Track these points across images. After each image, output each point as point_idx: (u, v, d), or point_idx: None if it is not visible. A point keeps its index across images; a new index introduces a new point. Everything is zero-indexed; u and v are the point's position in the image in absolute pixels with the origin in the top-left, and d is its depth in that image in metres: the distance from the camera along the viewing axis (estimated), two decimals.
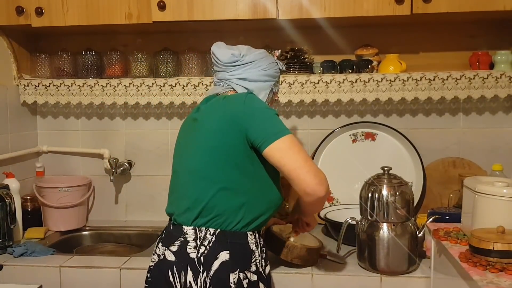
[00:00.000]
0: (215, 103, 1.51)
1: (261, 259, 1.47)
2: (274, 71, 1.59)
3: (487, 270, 1.20)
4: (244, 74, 1.53)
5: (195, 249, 1.41)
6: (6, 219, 1.90)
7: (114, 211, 2.41)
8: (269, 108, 1.46)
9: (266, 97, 1.56)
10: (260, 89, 1.55)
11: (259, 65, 1.54)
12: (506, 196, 1.34)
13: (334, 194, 2.20)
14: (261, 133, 1.38)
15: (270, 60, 1.58)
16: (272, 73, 1.58)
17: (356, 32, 2.18)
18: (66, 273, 1.77)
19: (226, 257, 1.39)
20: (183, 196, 1.47)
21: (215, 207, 1.41)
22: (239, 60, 1.52)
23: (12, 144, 2.22)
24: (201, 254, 1.40)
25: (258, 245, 1.47)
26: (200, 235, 1.42)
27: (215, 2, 1.95)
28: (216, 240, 1.41)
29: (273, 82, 1.59)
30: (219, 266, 1.39)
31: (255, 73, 1.53)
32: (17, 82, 2.25)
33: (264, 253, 1.50)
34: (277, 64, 1.62)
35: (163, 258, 1.44)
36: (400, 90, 2.07)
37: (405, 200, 1.64)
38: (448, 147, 2.19)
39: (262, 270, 1.46)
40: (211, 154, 1.42)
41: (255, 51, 1.57)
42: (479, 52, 2.10)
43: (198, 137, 1.48)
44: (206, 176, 1.43)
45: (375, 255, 1.64)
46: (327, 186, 1.40)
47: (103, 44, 2.31)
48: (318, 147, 2.17)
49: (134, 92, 2.19)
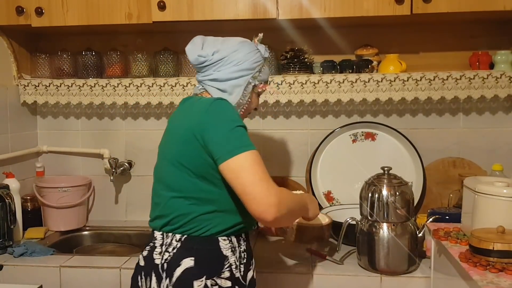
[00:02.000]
0: (187, 107, 1.43)
1: (239, 264, 1.39)
2: (252, 62, 1.46)
3: (487, 270, 1.20)
4: (215, 75, 1.43)
5: (160, 255, 1.37)
6: (6, 219, 1.90)
7: (114, 211, 2.41)
8: (232, 120, 1.31)
9: (239, 95, 1.45)
10: (234, 87, 1.44)
11: (231, 60, 1.43)
12: (506, 196, 1.34)
13: (334, 194, 2.20)
14: (217, 148, 1.27)
15: (246, 51, 1.45)
16: (249, 66, 1.45)
17: (356, 32, 2.18)
18: (66, 273, 1.77)
19: (190, 263, 1.33)
20: (155, 203, 1.45)
21: (182, 216, 1.35)
22: (207, 60, 1.43)
23: (12, 144, 2.22)
24: (164, 260, 1.35)
25: (235, 250, 1.39)
26: (167, 241, 1.37)
27: (215, 2, 1.95)
28: (181, 247, 1.35)
29: (250, 74, 1.46)
30: (182, 273, 1.32)
31: (226, 71, 1.43)
32: (17, 82, 2.25)
33: (246, 258, 1.43)
34: (258, 51, 1.48)
35: (137, 263, 1.43)
36: (400, 90, 2.07)
37: (405, 200, 1.64)
38: (448, 147, 2.19)
39: (240, 276, 1.39)
40: (175, 163, 1.35)
41: (229, 43, 1.45)
42: (479, 52, 2.10)
43: (166, 144, 1.43)
44: (172, 186, 1.37)
45: (375, 255, 1.64)
46: (275, 212, 1.22)
47: (103, 44, 2.31)
48: (318, 147, 2.17)
49: (134, 92, 2.19)
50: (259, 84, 1.50)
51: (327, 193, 2.20)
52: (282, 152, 2.29)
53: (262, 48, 1.50)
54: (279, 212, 1.23)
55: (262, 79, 1.51)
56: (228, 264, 1.37)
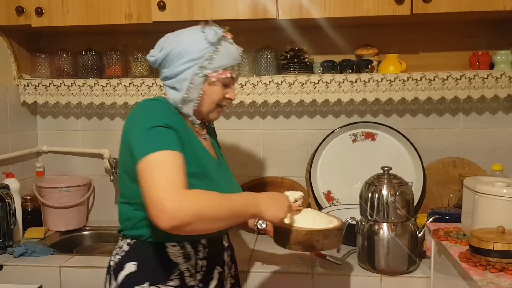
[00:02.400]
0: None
1: (195, 272, 1.34)
2: (198, 51, 1.33)
3: (487, 270, 1.20)
4: (165, 73, 1.36)
5: (113, 257, 1.37)
6: (6, 219, 1.90)
7: (114, 211, 2.36)
8: (149, 121, 1.23)
9: (185, 88, 1.34)
10: (181, 81, 1.34)
11: (176, 54, 1.33)
12: (506, 196, 1.34)
13: (334, 194, 2.20)
14: (134, 151, 1.21)
15: (190, 40, 1.34)
16: (194, 56, 1.33)
17: (356, 32, 2.18)
18: (66, 273, 1.77)
19: (133, 268, 1.31)
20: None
21: (129, 221, 1.35)
22: (157, 59, 1.36)
23: (12, 144, 2.22)
24: (114, 263, 1.36)
25: (190, 257, 1.33)
26: (120, 244, 1.38)
27: (215, 2, 1.95)
28: (129, 251, 1.34)
29: (196, 65, 1.33)
30: (124, 278, 1.31)
31: (172, 66, 1.34)
32: (17, 82, 2.25)
33: (206, 266, 1.36)
34: (204, 36, 1.34)
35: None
36: (400, 90, 2.07)
37: (405, 200, 1.64)
38: (448, 147, 2.19)
39: (196, 285, 1.34)
40: (120, 169, 1.35)
41: (174, 36, 1.37)
42: (479, 52, 2.10)
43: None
44: (120, 191, 1.37)
45: (375, 255, 1.64)
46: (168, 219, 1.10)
47: (103, 44, 2.31)
48: (318, 147, 2.17)
49: (134, 92, 2.19)
50: (212, 72, 1.34)
51: (327, 193, 2.20)
52: (282, 152, 2.29)
53: (210, 32, 1.35)
54: (176, 220, 1.09)
55: (216, 66, 1.34)
56: (178, 271, 1.32)
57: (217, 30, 1.36)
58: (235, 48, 1.39)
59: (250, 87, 2.13)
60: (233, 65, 1.38)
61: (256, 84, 2.12)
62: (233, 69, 1.38)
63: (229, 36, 1.38)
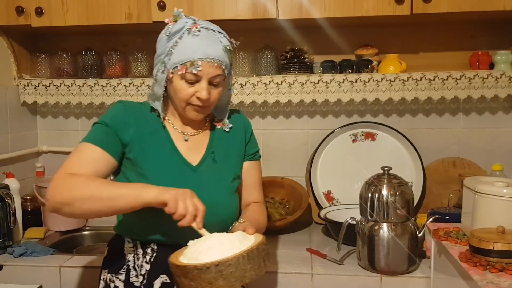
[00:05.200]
0: None
1: (139, 273, 1.36)
2: (160, 47, 1.32)
3: (487, 270, 1.20)
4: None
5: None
6: (6, 219, 1.90)
7: None
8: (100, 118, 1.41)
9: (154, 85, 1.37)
10: (154, 79, 1.37)
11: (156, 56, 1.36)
12: (506, 196, 1.34)
13: (334, 194, 2.20)
14: None
15: (160, 36, 1.34)
16: (158, 52, 1.33)
17: (356, 32, 2.18)
18: (66, 273, 1.77)
19: (105, 253, 1.46)
20: None
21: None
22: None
23: (12, 144, 2.22)
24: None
25: (137, 257, 1.37)
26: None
27: (215, 2, 1.95)
28: (112, 236, 1.48)
29: (160, 61, 1.31)
30: (102, 260, 1.46)
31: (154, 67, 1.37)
32: (17, 82, 2.25)
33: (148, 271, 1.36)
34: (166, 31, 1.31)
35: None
36: (400, 90, 2.07)
37: (405, 200, 1.64)
38: (448, 147, 2.19)
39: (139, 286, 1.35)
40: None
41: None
42: (479, 52, 2.10)
43: None
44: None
45: (375, 255, 1.64)
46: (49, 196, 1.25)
47: (103, 44, 2.31)
48: (318, 147, 2.17)
49: (134, 92, 2.19)
50: (169, 68, 1.28)
51: (327, 193, 2.20)
52: (282, 152, 2.29)
53: (175, 26, 1.28)
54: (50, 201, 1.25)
55: (175, 61, 1.27)
56: (126, 267, 1.37)
57: (186, 22, 1.27)
58: (198, 40, 1.26)
59: (250, 87, 2.13)
60: (193, 60, 1.26)
61: (256, 84, 2.12)
62: (192, 65, 1.26)
63: (195, 28, 1.27)
